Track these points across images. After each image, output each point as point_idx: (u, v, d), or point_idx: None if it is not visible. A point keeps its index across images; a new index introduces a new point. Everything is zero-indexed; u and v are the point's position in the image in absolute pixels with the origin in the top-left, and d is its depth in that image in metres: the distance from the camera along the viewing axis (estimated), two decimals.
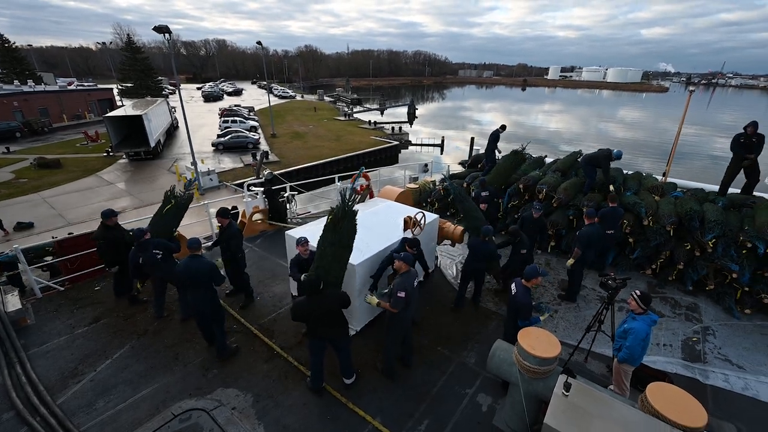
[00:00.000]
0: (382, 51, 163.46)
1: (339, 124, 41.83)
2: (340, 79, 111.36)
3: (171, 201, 6.00)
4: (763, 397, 4.52)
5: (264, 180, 9.37)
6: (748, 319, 5.91)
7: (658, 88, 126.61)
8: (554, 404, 3.15)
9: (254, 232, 8.86)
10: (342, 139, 33.12)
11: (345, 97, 70.48)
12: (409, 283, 4.23)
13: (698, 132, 41.89)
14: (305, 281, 4.01)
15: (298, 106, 56.51)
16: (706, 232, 6.39)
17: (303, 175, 23.04)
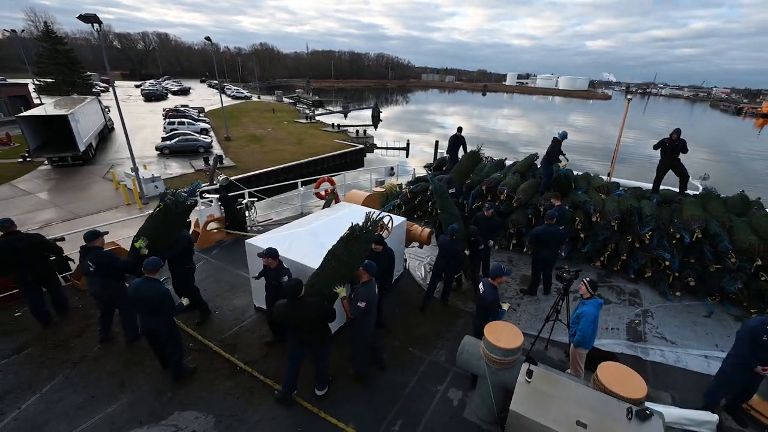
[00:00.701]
0: (343, 52, 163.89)
1: (300, 126, 41.32)
2: (300, 80, 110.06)
3: (159, 204, 5.37)
4: (691, 367, 5.33)
5: (219, 186, 9.11)
6: (678, 301, 6.88)
7: (603, 96, 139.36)
8: (518, 391, 3.47)
9: (209, 243, 8.57)
10: (304, 142, 32.76)
11: (306, 99, 69.73)
12: (372, 293, 4.38)
13: (636, 136, 46.54)
14: (285, 285, 4.08)
15: (255, 108, 55.02)
16: (644, 226, 7.34)
17: (263, 180, 22.48)
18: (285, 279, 4.73)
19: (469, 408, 4.49)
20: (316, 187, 11.25)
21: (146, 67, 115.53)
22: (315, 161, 27.52)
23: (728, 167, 33.60)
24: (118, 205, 17.38)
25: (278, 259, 4.87)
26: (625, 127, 11.60)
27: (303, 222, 6.72)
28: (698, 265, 6.97)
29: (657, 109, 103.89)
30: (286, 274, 4.80)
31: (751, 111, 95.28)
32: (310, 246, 5.58)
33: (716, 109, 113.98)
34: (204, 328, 5.77)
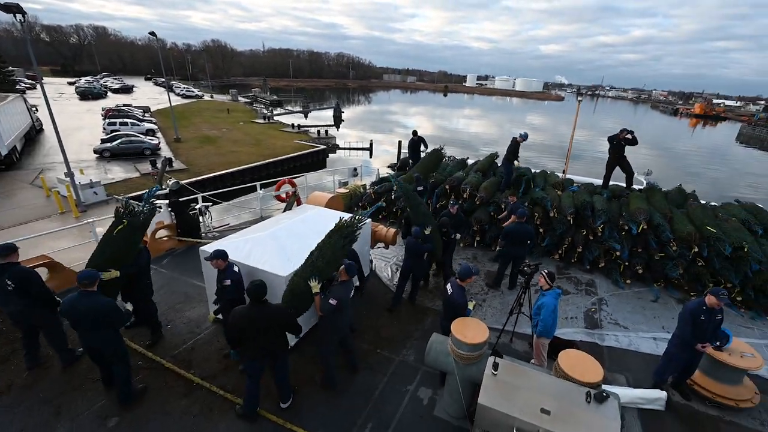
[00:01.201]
0: (302, 51, 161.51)
1: (258, 127, 40.08)
2: (257, 79, 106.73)
3: (123, 221, 4.72)
4: (642, 349, 5.81)
5: (168, 191, 8.60)
6: (629, 288, 7.49)
7: (556, 97, 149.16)
8: (485, 384, 3.59)
9: (160, 252, 8.06)
10: (262, 143, 31.79)
11: (263, 99, 67.78)
12: (345, 293, 4.41)
13: (587, 135, 50.19)
14: (249, 286, 3.89)
15: (208, 107, 52.61)
16: (596, 219, 7.91)
17: (218, 183, 21.52)
18: (227, 283, 4.54)
19: (439, 405, 4.57)
20: (277, 189, 10.97)
21: (81, 63, 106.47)
22: (275, 163, 26.81)
23: (667, 163, 37.10)
24: (50, 215, 15.80)
25: (227, 262, 4.67)
26: (577, 127, 12.50)
27: (263, 226, 6.51)
28: (645, 254, 7.61)
29: (605, 110, 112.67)
30: (229, 277, 4.58)
31: (686, 112, 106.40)
32: (271, 251, 5.41)
33: (656, 109, 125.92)
34: (154, 344, 5.40)
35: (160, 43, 40.26)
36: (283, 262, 5.10)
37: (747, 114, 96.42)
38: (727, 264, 7.03)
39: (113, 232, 4.66)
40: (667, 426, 4.50)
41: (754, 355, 4.72)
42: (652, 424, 4.49)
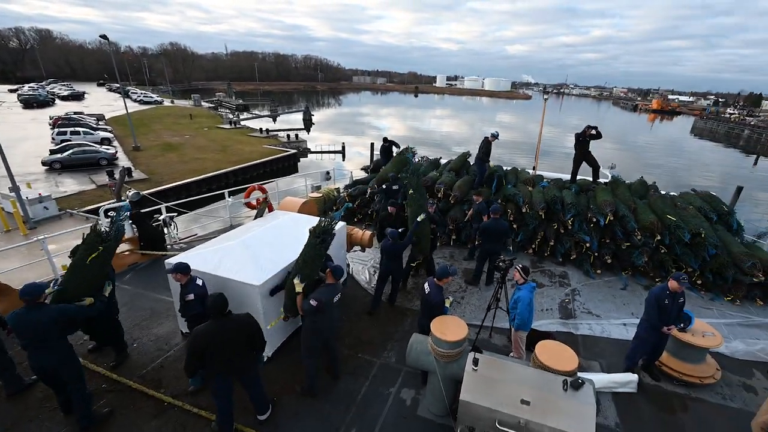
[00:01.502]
0: (267, 53, 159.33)
1: (223, 132, 39.02)
2: (220, 83, 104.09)
3: (99, 247, 4.33)
4: (614, 336, 6.12)
5: (128, 202, 8.23)
6: (599, 278, 7.88)
7: (524, 96, 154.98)
8: (467, 380, 3.67)
9: (121, 267, 7.68)
10: (229, 149, 30.97)
11: (228, 103, 66.12)
12: (328, 295, 4.39)
13: (555, 132, 52.40)
14: (208, 300, 3.75)
15: (168, 113, 50.66)
16: (566, 213, 8.27)
17: (183, 192, 20.76)
18: (190, 297, 4.36)
19: (423, 405, 4.62)
20: (246, 196, 10.72)
21: (23, 69, 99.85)
22: (243, 169, 26.18)
23: (630, 156, 39.30)
24: None
25: (189, 275, 4.52)
26: (545, 124, 13.03)
27: (233, 235, 6.36)
28: (612, 244, 8.05)
29: (571, 108, 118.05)
30: (191, 291, 4.40)
31: (644, 107, 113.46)
32: (243, 260, 5.29)
33: (617, 106, 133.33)
34: (119, 365, 5.13)
35: (112, 47, 38.31)
36: (256, 271, 5.00)
37: (699, 108, 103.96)
38: (687, 250, 7.54)
39: (86, 260, 4.30)
40: (639, 407, 4.76)
41: (714, 334, 5.09)
42: (625, 406, 4.74)
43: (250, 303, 4.83)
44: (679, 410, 4.75)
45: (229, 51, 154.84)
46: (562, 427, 3.31)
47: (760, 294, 7.19)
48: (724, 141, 57.48)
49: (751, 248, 7.76)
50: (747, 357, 5.66)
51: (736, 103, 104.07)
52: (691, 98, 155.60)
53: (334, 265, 4.55)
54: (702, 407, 4.80)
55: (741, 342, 5.96)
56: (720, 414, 4.70)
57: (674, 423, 4.56)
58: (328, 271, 4.49)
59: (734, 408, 4.78)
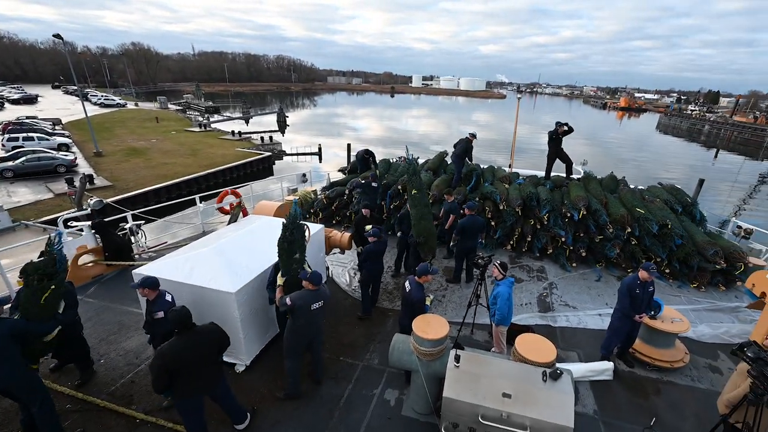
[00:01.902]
0: (238, 54, 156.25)
1: (193, 135, 37.91)
2: (188, 84, 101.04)
3: (50, 286, 4.02)
4: (590, 326, 6.39)
5: (90, 211, 7.88)
6: (575, 271, 8.19)
7: (499, 96, 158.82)
8: (449, 377, 3.74)
9: (84, 279, 7.35)
10: (200, 153, 30.11)
11: (197, 105, 64.32)
12: (305, 300, 4.32)
13: (529, 130, 54.01)
14: (171, 314, 3.58)
15: (132, 117, 48.73)
16: (542, 209, 8.56)
17: (151, 199, 20.03)
18: (159, 315, 4.17)
19: (407, 404, 4.66)
20: (219, 201, 10.48)
21: None
22: (215, 173, 25.53)
23: (601, 152, 40.99)
24: None
25: (158, 291, 4.33)
26: (520, 123, 13.41)
27: (206, 241, 6.19)
28: (586, 237, 8.38)
29: (544, 106, 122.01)
30: (161, 308, 4.20)
31: (613, 105, 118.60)
32: (217, 267, 5.15)
33: (588, 104, 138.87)
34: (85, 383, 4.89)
35: (68, 47, 36.39)
36: (231, 278, 4.90)
37: (663, 106, 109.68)
38: (655, 241, 7.96)
39: (41, 300, 3.98)
40: (615, 393, 4.99)
41: (682, 319, 5.40)
42: (603, 393, 4.95)
43: (226, 311, 4.73)
44: (653, 394, 5.00)
45: (197, 51, 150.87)
46: (542, 417, 3.43)
47: (722, 280, 7.68)
48: (687, 136, 60.90)
49: (714, 237, 8.28)
50: (713, 340, 6.04)
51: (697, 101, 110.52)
52: (656, 96, 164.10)
53: (308, 274, 4.47)
54: (673, 390, 5.08)
55: (707, 326, 6.35)
56: (690, 395, 4.99)
57: (648, 407, 4.80)
58: (306, 280, 4.41)
59: (702, 389, 5.09)
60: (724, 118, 67.98)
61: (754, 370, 3.50)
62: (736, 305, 7.04)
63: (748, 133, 53.05)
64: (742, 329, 6.26)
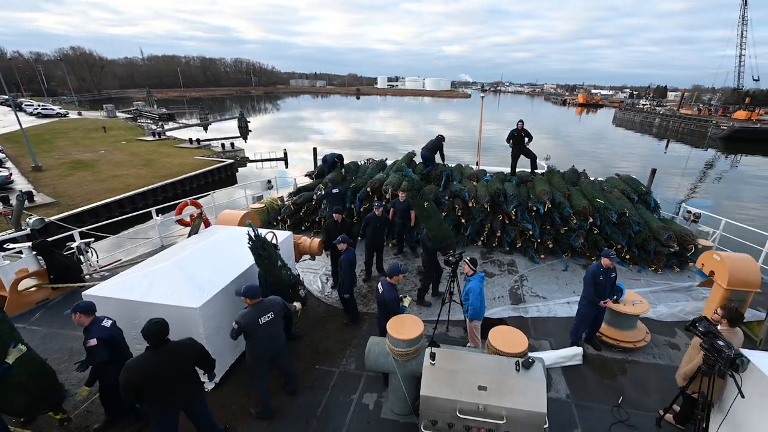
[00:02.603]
0: (192, 57, 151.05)
1: (147, 145, 36.20)
2: (138, 91, 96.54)
3: None
4: (560, 314, 6.71)
5: (30, 231, 7.37)
6: (543, 262, 8.58)
7: (464, 95, 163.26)
8: (425, 375, 3.81)
9: (26, 306, 6.85)
10: (155, 163, 28.78)
11: (150, 113, 61.52)
12: (250, 318, 4.21)
13: (495, 128, 55.87)
14: (144, 329, 3.45)
15: (76, 127, 45.84)
16: (509, 204, 8.90)
17: (101, 214, 18.89)
18: (92, 343, 3.91)
19: (386, 407, 4.70)
20: (177, 213, 10.09)
21: None
22: (173, 184, 24.49)
23: (562, 147, 43.08)
24: None
25: (94, 316, 4.09)
26: (485, 121, 13.88)
27: (165, 256, 5.94)
28: (552, 229, 8.82)
29: (507, 104, 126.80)
30: (94, 335, 3.96)
31: (572, 102, 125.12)
32: (178, 282, 4.95)
33: (549, 101, 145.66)
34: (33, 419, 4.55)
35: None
36: (194, 293, 4.74)
37: (618, 101, 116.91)
38: (615, 229, 8.50)
39: None
40: (585, 376, 5.28)
41: (642, 301, 5.80)
42: (574, 377, 5.23)
43: (190, 328, 4.55)
44: (619, 374, 5.34)
45: (147, 55, 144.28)
46: (517, 406, 3.57)
47: (676, 262, 8.31)
48: (640, 129, 65.18)
49: (667, 222, 8.95)
50: (670, 318, 6.53)
51: (647, 95, 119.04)
52: (611, 92, 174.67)
53: (244, 288, 4.34)
54: (637, 368, 5.45)
55: (665, 306, 6.86)
56: (652, 372, 5.37)
57: (615, 386, 5.12)
58: (243, 295, 4.32)
59: (663, 365, 5.49)
60: (672, 111, 73.46)
61: (705, 343, 3.83)
62: (689, 285, 7.65)
63: (694, 124, 57.54)
64: (696, 306, 6.81)
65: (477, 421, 3.64)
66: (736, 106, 63.37)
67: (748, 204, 24.45)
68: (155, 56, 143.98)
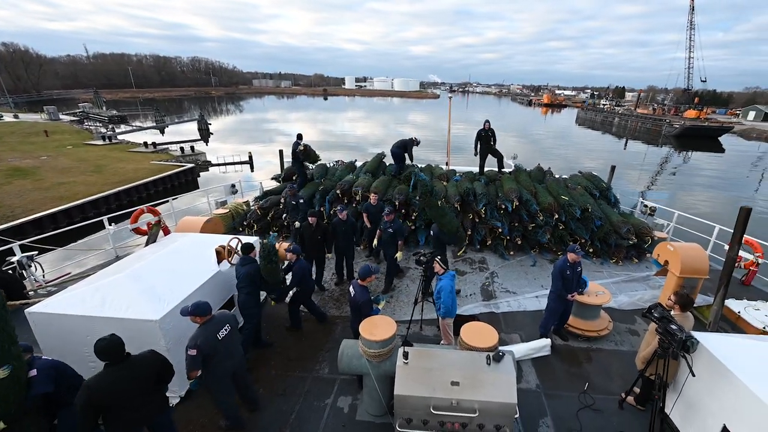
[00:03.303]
0: (144, 56, 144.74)
1: (96, 150, 34.23)
2: (84, 91, 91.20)
3: None
4: (529, 308, 7.03)
5: None
6: (513, 259, 8.94)
7: (433, 96, 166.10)
8: (399, 375, 3.90)
9: None
10: (106, 169, 27.28)
11: (98, 115, 58.26)
12: (204, 335, 3.95)
13: (464, 128, 57.36)
14: (97, 345, 3.28)
15: (12, 131, 42.60)
16: (479, 203, 9.20)
17: (48, 225, 17.71)
18: (32, 374, 3.51)
19: (361, 409, 4.75)
20: (133, 221, 9.66)
21: None
22: (127, 191, 23.28)
23: (529, 146, 44.82)
24: None
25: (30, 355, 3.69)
26: (454, 121, 14.26)
27: (119, 267, 5.70)
28: (520, 226, 9.20)
29: (475, 104, 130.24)
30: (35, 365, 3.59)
31: (537, 102, 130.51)
32: (134, 294, 4.76)
33: (515, 101, 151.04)
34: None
35: None
36: (153, 304, 4.59)
37: (580, 101, 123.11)
38: (579, 224, 8.99)
39: None
40: (554, 366, 5.57)
41: (605, 292, 6.18)
42: (543, 368, 5.51)
43: (150, 342, 4.38)
44: (585, 362, 5.67)
45: (92, 53, 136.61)
46: (489, 399, 3.73)
47: (635, 253, 8.91)
48: (601, 128, 68.94)
49: (626, 216, 9.57)
50: (630, 307, 7.01)
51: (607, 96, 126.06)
52: (573, 92, 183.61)
53: (192, 307, 4.04)
54: (601, 355, 5.81)
55: (625, 295, 7.35)
56: (615, 358, 5.75)
57: (582, 373, 5.44)
58: (189, 312, 4.04)
59: (624, 351, 5.89)
60: (630, 110, 78.27)
61: (660, 328, 4.16)
62: (646, 274, 8.23)
63: (650, 123, 61.64)
64: (653, 294, 7.34)
65: (451, 416, 3.76)
66: (687, 106, 68.60)
67: (698, 196, 26.48)
68: (102, 54, 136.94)
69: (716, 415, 3.84)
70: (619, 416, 4.73)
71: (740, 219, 5.73)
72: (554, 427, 4.57)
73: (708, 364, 3.98)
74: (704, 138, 52.90)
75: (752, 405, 3.44)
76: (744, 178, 33.00)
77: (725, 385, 3.76)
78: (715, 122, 60.26)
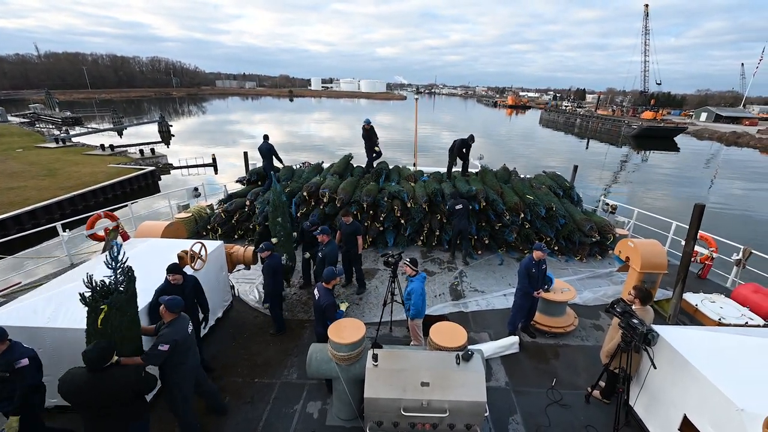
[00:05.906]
0: (100, 55, 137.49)
1: (48, 153, 32.06)
2: (35, 92, 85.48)
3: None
4: (497, 306, 7.13)
5: None
6: (481, 258, 9.09)
7: (399, 97, 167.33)
8: (368, 377, 3.85)
9: None
10: (59, 173, 25.58)
11: (51, 116, 54.74)
12: (180, 332, 3.91)
13: (431, 129, 58.22)
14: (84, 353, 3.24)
15: None
16: (446, 203, 9.19)
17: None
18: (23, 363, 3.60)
19: (331, 413, 4.66)
20: (89, 227, 9.09)
21: None
22: (83, 195, 21.90)
23: (494, 146, 45.98)
24: None
25: (8, 342, 3.68)
26: (421, 122, 14.38)
27: (74, 275, 5.36)
28: (488, 226, 9.37)
29: (442, 106, 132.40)
30: (25, 354, 3.67)
31: (502, 103, 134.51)
32: None
33: (481, 103, 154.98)
34: None
35: None
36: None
37: (543, 103, 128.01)
38: (544, 222, 9.26)
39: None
40: (522, 363, 5.67)
41: (570, 289, 6.37)
42: (512, 365, 5.59)
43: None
44: (552, 358, 5.82)
45: (43, 52, 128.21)
46: (458, 398, 3.74)
47: (598, 250, 9.29)
48: (564, 129, 71.86)
49: (589, 214, 9.96)
50: (594, 302, 7.28)
51: (569, 97, 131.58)
52: (537, 94, 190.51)
53: (168, 299, 4.01)
54: (568, 351, 5.98)
55: (589, 291, 7.63)
56: (581, 353, 5.94)
57: (549, 369, 5.57)
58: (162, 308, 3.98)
59: (590, 346, 6.08)
60: (590, 112, 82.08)
61: (622, 323, 4.32)
62: (609, 270, 8.59)
63: (609, 123, 64.85)
64: (616, 290, 7.66)
65: (421, 417, 3.75)
66: (644, 107, 72.62)
67: (656, 194, 28.09)
68: (55, 53, 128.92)
69: (677, 405, 3.98)
70: (586, 410, 4.86)
71: (695, 215, 5.99)
72: (524, 423, 4.64)
73: (668, 357, 4.14)
74: (661, 138, 56.32)
75: (710, 394, 3.56)
76: (698, 176, 35.34)
77: (685, 376, 3.90)
78: (670, 123, 64.22)
